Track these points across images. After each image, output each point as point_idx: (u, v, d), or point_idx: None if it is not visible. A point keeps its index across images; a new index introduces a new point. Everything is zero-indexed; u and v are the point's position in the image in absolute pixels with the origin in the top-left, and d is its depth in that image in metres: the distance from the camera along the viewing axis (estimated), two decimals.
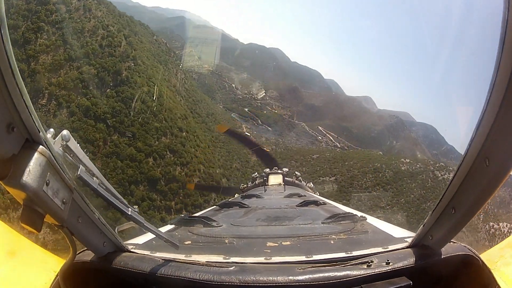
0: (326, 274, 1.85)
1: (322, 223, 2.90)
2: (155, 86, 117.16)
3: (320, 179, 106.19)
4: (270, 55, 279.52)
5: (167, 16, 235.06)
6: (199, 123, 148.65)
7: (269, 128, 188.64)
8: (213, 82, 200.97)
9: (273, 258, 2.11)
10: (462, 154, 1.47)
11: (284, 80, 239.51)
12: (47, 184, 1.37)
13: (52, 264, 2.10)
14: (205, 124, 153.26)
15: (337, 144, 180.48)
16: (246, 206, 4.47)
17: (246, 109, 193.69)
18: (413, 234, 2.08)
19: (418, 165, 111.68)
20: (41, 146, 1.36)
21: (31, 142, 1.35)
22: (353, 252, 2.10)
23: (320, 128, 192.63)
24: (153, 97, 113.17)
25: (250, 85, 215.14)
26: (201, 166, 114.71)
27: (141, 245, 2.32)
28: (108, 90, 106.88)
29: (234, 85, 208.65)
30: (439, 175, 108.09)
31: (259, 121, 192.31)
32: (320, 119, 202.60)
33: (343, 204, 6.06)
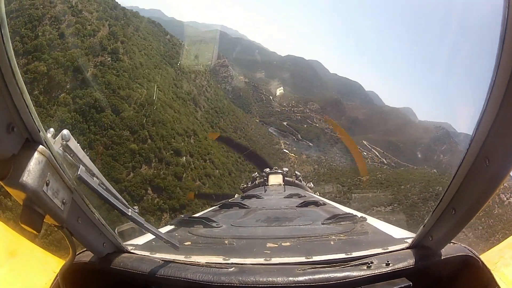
0: (326, 275, 1.79)
1: (322, 224, 2.93)
2: (152, 90, 76.43)
3: (373, 209, 75.16)
4: (309, 67, 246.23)
5: (202, 30, 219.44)
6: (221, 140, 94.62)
7: (310, 144, 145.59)
8: (249, 94, 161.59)
9: (272, 259, 2.09)
10: (462, 154, 1.47)
11: (324, 92, 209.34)
12: (47, 184, 1.34)
13: (52, 265, 2.15)
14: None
15: (384, 160, 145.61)
16: (246, 206, 4.19)
17: (285, 123, 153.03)
18: (413, 235, 2.15)
19: None
20: (41, 146, 1.32)
21: (31, 142, 1.31)
22: (353, 253, 2.10)
23: (364, 142, 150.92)
24: (136, 103, 70.53)
25: (289, 97, 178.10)
26: None
27: (141, 245, 2.38)
28: (62, 95, 64.46)
29: (271, 98, 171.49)
30: (505, 198, 75.92)
31: (299, 136, 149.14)
32: (364, 132, 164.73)
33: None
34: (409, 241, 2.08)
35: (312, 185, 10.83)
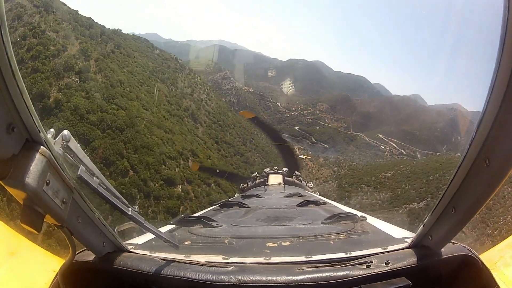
0: (326, 274, 1.79)
1: (322, 223, 2.94)
2: (133, 110, 63.17)
3: (406, 208, 65.94)
4: (312, 68, 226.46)
5: (201, 47, 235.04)
6: (229, 156, 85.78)
7: (326, 146, 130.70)
8: (256, 103, 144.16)
9: (272, 258, 2.11)
10: (462, 154, 1.47)
11: (331, 91, 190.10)
12: (47, 184, 1.33)
13: (52, 264, 2.21)
14: (239, 156, 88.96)
15: (402, 151, 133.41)
16: (246, 206, 4.13)
17: (296, 128, 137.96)
18: (413, 235, 2.15)
19: None
20: (41, 146, 1.32)
21: (31, 142, 1.30)
22: (352, 252, 2.11)
23: (380, 136, 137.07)
24: (111, 128, 55.99)
25: (296, 101, 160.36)
26: None
27: (141, 245, 2.40)
28: None
29: (279, 104, 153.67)
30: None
31: (312, 138, 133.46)
32: (378, 126, 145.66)
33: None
34: (409, 240, 2.09)
35: (312, 184, 10.57)
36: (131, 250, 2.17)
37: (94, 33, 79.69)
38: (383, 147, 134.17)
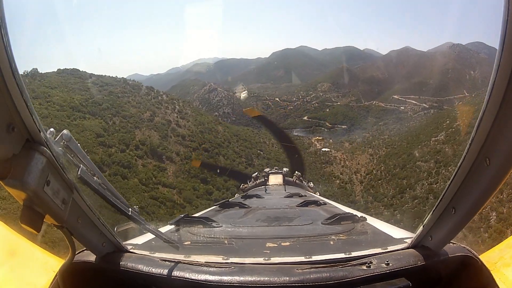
0: (325, 275, 1.65)
1: (322, 223, 2.73)
2: None
3: None
4: (298, 54, 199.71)
5: (183, 71, 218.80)
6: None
7: (343, 126, 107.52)
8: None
9: (272, 258, 1.94)
10: (463, 154, 1.35)
11: (325, 70, 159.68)
12: (48, 184, 1.21)
13: (52, 264, 2.03)
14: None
15: (425, 105, 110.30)
16: (246, 206, 3.86)
17: (305, 118, 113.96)
18: (413, 235, 1.99)
19: None
20: (41, 146, 1.21)
21: (31, 142, 1.19)
22: (352, 253, 1.95)
23: (396, 97, 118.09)
24: None
25: (295, 90, 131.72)
26: None
27: (141, 245, 2.21)
28: None
29: (278, 99, 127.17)
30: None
31: (326, 123, 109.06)
32: (388, 87, 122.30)
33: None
34: (409, 241, 1.93)
35: (312, 184, 9.35)
36: (131, 250, 1.98)
37: None
38: (402, 107, 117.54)
